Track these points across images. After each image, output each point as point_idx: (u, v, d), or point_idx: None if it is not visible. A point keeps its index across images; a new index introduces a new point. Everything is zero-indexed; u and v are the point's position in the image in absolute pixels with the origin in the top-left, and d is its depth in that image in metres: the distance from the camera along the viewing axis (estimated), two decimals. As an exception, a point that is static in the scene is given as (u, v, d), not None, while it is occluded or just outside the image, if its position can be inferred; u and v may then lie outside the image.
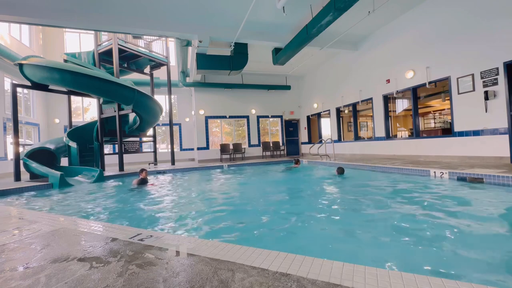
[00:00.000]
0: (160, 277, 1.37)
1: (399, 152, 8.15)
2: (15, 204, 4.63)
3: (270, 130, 14.26)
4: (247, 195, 4.73)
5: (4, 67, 9.63)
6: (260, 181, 6.57)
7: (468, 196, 3.61)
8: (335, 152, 10.45)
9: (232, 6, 6.92)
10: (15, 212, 3.39)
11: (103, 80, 7.66)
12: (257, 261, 1.51)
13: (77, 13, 6.63)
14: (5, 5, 6.00)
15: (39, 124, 12.27)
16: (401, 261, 1.89)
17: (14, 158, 7.08)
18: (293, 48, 8.01)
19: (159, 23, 7.39)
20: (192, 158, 14.82)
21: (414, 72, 7.43)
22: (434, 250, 1.99)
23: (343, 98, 10.59)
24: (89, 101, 14.26)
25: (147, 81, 12.03)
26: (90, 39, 13.63)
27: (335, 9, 5.73)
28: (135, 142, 10.82)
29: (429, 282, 1.23)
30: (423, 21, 7.13)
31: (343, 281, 1.26)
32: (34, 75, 7.25)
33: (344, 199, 3.97)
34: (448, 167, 5.12)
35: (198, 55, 9.05)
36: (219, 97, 12.78)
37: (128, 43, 9.61)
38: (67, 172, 7.20)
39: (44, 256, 1.74)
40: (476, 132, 5.96)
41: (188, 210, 3.75)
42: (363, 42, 9.41)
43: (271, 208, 3.64)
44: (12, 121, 7.04)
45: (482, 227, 2.44)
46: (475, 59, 5.91)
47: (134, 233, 2.11)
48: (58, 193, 5.50)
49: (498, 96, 5.50)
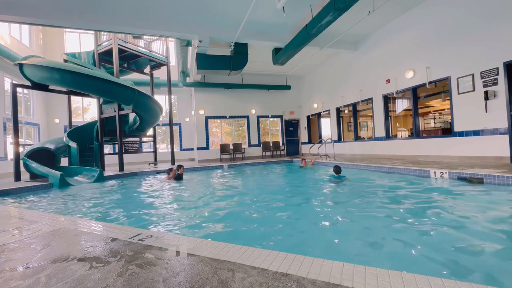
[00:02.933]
0: (160, 277, 1.37)
1: (399, 152, 8.15)
2: (15, 204, 4.63)
3: (270, 130, 14.26)
4: (247, 195, 4.73)
5: (4, 67, 9.63)
6: (260, 181, 6.57)
7: (468, 196, 3.61)
8: (335, 152, 10.44)
9: (232, 6, 6.92)
10: (15, 212, 3.39)
11: (103, 80, 7.66)
12: (257, 261, 1.51)
13: (77, 13, 6.63)
14: (5, 5, 6.00)
15: (39, 124, 12.27)
16: (401, 261, 1.89)
17: (14, 158, 7.08)
18: (293, 48, 8.01)
19: (159, 23, 7.39)
20: (192, 158, 14.82)
21: (414, 72, 7.43)
22: (434, 250, 1.99)
23: (343, 98, 10.59)
24: (89, 101, 14.26)
25: (147, 81, 12.04)
26: (90, 39, 13.63)
27: (335, 9, 5.73)
28: (135, 142, 10.82)
29: (429, 282, 1.23)
30: (423, 21, 7.13)
31: (343, 281, 1.25)
32: (34, 75, 7.25)
33: (343, 199, 3.96)
34: (448, 167, 5.12)
35: (198, 55, 9.04)
36: (219, 97, 12.78)
37: (128, 43, 9.62)
38: (67, 172, 7.20)
39: (44, 256, 1.74)
40: (476, 132, 5.96)
41: (188, 210, 3.75)
42: (363, 42, 9.40)
43: (271, 208, 3.64)
44: (12, 121, 7.04)
45: (482, 227, 2.44)
46: (475, 59, 5.91)
47: (134, 233, 2.11)
48: (58, 193, 5.50)
49: (498, 96, 5.50)
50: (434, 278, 1.26)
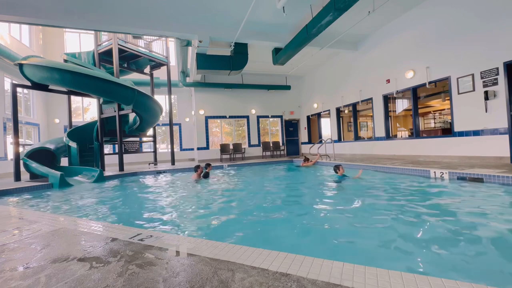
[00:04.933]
0: (160, 277, 1.37)
1: (399, 152, 8.15)
2: (15, 204, 4.63)
3: (270, 130, 14.26)
4: (247, 195, 4.73)
5: (4, 67, 9.63)
6: (260, 181, 6.56)
7: (468, 196, 3.61)
8: (335, 152, 10.45)
9: (232, 6, 6.92)
10: (15, 212, 3.39)
11: (103, 80, 7.66)
12: (257, 261, 1.51)
13: (77, 13, 6.63)
14: (5, 5, 6.00)
15: (39, 124, 12.26)
16: (401, 261, 1.89)
17: (14, 158, 7.07)
18: (293, 48, 8.01)
19: (159, 23, 7.39)
20: (192, 158, 14.82)
21: (414, 72, 7.43)
22: (434, 249, 1.99)
23: (343, 98, 10.59)
24: (89, 101, 14.26)
25: (147, 81, 12.04)
26: (90, 39, 13.63)
27: (335, 9, 5.73)
28: (135, 142, 10.82)
29: (429, 282, 1.23)
30: (423, 21, 7.13)
31: (343, 281, 1.25)
32: (34, 75, 7.25)
33: (343, 199, 3.96)
34: (448, 167, 5.12)
35: (198, 55, 9.04)
36: (219, 97, 12.78)
37: (128, 43, 9.61)
38: (67, 172, 7.20)
39: (44, 256, 1.74)
40: (476, 132, 5.96)
41: (188, 210, 3.75)
42: (363, 42, 9.40)
43: (270, 208, 3.64)
44: (12, 121, 7.04)
45: (482, 226, 2.44)
46: (475, 59, 5.91)
47: (134, 233, 2.11)
48: (58, 193, 5.49)
49: (498, 96, 5.49)
50: (434, 278, 1.26)
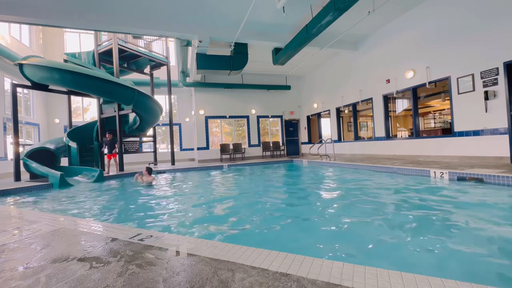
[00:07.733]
0: (160, 277, 1.37)
1: (399, 152, 8.15)
2: (15, 204, 4.63)
3: (270, 130, 14.26)
4: (247, 195, 4.73)
5: (4, 67, 9.63)
6: (260, 181, 6.56)
7: (468, 196, 3.61)
8: (335, 152, 10.45)
9: (232, 6, 6.92)
10: (15, 212, 3.39)
11: (103, 80, 7.66)
12: (257, 261, 1.51)
13: (77, 13, 6.63)
14: (5, 5, 6.00)
15: (39, 124, 12.27)
16: (401, 261, 1.88)
17: (14, 158, 7.08)
18: (293, 48, 8.00)
19: (159, 23, 7.39)
20: (192, 158, 14.82)
21: (414, 72, 7.42)
22: (434, 249, 1.99)
23: (343, 98, 10.59)
24: (89, 101, 14.26)
25: (147, 81, 12.04)
26: (90, 39, 13.63)
27: (335, 9, 5.73)
28: (135, 142, 10.83)
29: (429, 282, 1.23)
30: (423, 21, 7.13)
31: (343, 281, 1.26)
32: (34, 75, 7.25)
33: (343, 199, 3.96)
34: (448, 167, 5.12)
35: (198, 55, 9.04)
36: (219, 97, 12.78)
37: (128, 43, 9.62)
38: (67, 172, 7.21)
39: (44, 256, 1.74)
40: (476, 132, 5.96)
41: (188, 210, 3.75)
42: (363, 42, 9.40)
43: (270, 208, 3.64)
44: (12, 121, 7.04)
45: (482, 227, 2.44)
46: (475, 59, 5.91)
47: (134, 233, 2.11)
48: (58, 193, 5.49)
49: (498, 96, 5.49)
50: (434, 278, 1.26)
